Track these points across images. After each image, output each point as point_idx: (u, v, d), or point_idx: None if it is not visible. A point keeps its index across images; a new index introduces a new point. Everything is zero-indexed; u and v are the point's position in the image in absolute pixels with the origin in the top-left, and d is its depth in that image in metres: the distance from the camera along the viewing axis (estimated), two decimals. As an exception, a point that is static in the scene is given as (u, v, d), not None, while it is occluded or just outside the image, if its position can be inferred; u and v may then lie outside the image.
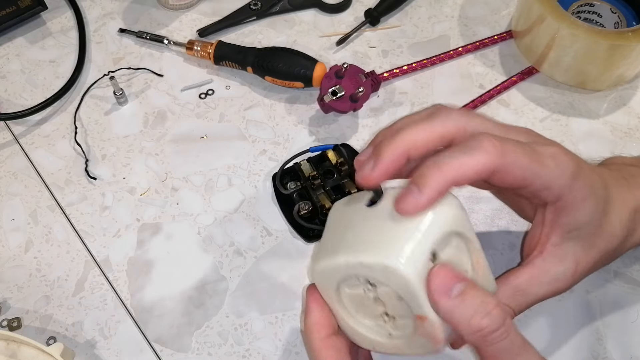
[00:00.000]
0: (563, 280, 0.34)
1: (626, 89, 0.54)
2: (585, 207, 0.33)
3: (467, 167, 0.30)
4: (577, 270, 0.34)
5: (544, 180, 0.32)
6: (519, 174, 0.31)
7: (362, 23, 0.57)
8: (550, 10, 0.50)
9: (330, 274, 0.31)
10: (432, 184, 0.29)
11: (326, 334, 0.32)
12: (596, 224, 0.34)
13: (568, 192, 0.32)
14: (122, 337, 0.42)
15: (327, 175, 0.47)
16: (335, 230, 0.33)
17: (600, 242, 0.35)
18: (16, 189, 0.49)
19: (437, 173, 0.29)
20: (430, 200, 0.29)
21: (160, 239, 0.46)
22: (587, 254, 0.35)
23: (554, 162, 0.32)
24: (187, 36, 0.57)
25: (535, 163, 0.31)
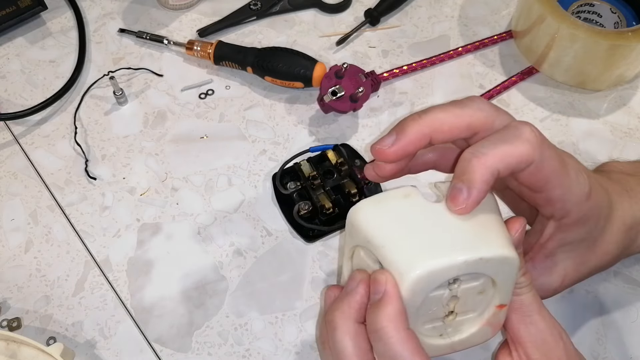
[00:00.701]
0: (546, 290, 0.35)
1: (626, 89, 0.54)
2: (586, 225, 0.33)
3: (511, 156, 0.29)
4: (563, 283, 0.35)
5: (564, 191, 0.31)
6: (548, 175, 0.30)
7: (362, 23, 0.57)
8: (550, 10, 0.50)
9: (439, 276, 0.29)
10: (477, 179, 0.28)
11: (407, 325, 0.28)
12: (591, 242, 0.35)
13: (577, 210, 0.32)
14: (122, 337, 0.42)
15: (327, 175, 0.47)
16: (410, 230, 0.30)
17: (592, 259, 0.35)
18: (16, 189, 0.49)
19: (480, 166, 0.28)
20: (480, 195, 0.28)
21: (160, 239, 0.46)
22: (577, 269, 0.35)
23: (576, 176, 0.31)
24: (187, 36, 0.57)
25: (563, 169, 0.31)
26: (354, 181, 0.46)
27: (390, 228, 0.30)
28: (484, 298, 0.31)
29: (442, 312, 0.31)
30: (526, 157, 0.29)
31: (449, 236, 0.29)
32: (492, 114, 0.31)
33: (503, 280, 0.30)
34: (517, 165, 0.29)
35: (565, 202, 0.32)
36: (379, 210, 0.31)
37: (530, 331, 0.31)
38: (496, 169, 0.28)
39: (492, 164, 0.28)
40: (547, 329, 0.31)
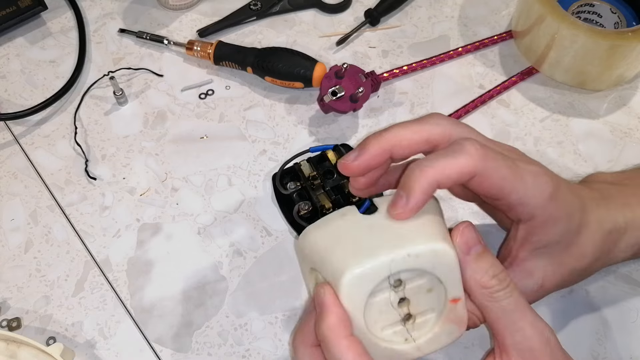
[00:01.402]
0: (528, 294, 0.35)
1: (626, 89, 0.54)
2: (556, 228, 0.34)
3: (450, 169, 0.31)
4: (544, 286, 0.35)
5: (521, 195, 0.33)
6: (498, 183, 0.32)
7: (362, 23, 0.57)
8: (550, 10, 0.50)
9: (370, 278, 0.30)
10: (417, 188, 0.31)
11: (350, 332, 0.30)
12: (566, 244, 0.35)
13: (541, 212, 0.33)
14: (122, 337, 0.42)
15: (326, 176, 0.47)
16: (342, 241, 0.32)
17: (570, 261, 0.36)
18: (16, 189, 0.49)
19: (421, 176, 0.31)
20: (418, 203, 0.31)
21: (160, 239, 0.46)
22: (555, 271, 0.35)
23: (533, 180, 0.33)
24: (187, 36, 0.57)
25: (514, 175, 0.32)
26: (354, 181, 0.46)
27: (328, 245, 0.32)
28: (435, 295, 0.31)
29: (396, 315, 0.31)
30: (467, 169, 0.31)
31: (380, 240, 0.31)
32: (449, 128, 0.33)
33: (444, 273, 0.31)
34: (457, 177, 0.31)
35: (525, 205, 0.33)
36: (319, 232, 0.33)
37: (516, 339, 0.31)
38: (435, 181, 0.31)
39: (432, 176, 0.31)
40: (535, 336, 0.30)
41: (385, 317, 0.31)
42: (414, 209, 0.31)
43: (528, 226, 0.34)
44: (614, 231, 0.37)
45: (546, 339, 0.31)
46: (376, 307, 0.31)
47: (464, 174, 0.31)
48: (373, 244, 0.31)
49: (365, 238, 0.31)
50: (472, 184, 0.32)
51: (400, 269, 0.30)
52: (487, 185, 0.32)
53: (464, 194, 0.39)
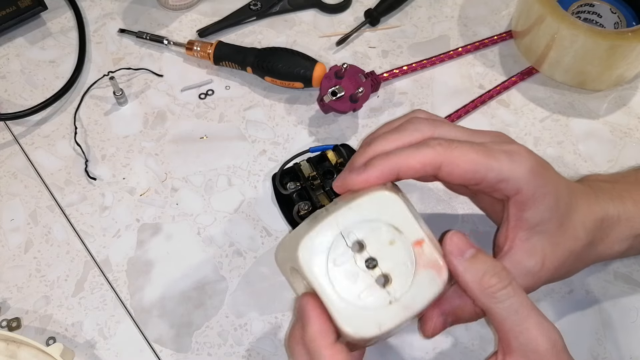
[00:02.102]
0: (533, 274, 0.35)
1: (626, 89, 0.54)
2: (545, 202, 0.34)
3: (412, 158, 0.33)
4: (545, 265, 0.35)
5: (497, 172, 0.33)
6: (469, 167, 0.33)
7: (362, 23, 0.57)
8: (550, 10, 0.50)
9: (320, 240, 0.31)
10: (375, 166, 0.32)
11: (333, 340, 0.31)
12: (559, 221, 0.35)
13: (526, 185, 0.34)
14: (122, 337, 0.42)
15: (326, 176, 0.47)
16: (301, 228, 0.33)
17: (565, 242, 0.35)
18: (16, 189, 0.49)
19: (383, 159, 0.33)
20: (369, 178, 0.32)
21: (160, 239, 0.46)
22: (554, 250, 0.35)
23: (508, 157, 0.34)
24: (187, 36, 0.57)
25: (485, 157, 0.33)
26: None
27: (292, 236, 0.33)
28: (400, 245, 0.31)
29: (369, 277, 0.31)
30: (427, 160, 0.33)
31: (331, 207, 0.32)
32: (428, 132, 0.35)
33: (394, 218, 0.31)
34: (418, 166, 0.33)
35: (506, 180, 0.34)
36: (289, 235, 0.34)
37: (521, 340, 0.30)
38: (396, 166, 0.33)
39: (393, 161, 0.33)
40: (540, 337, 0.30)
41: (360, 283, 0.31)
42: (366, 180, 0.32)
43: (516, 201, 0.34)
44: (605, 219, 0.37)
45: (553, 342, 0.30)
46: (346, 274, 0.31)
47: (426, 164, 0.33)
48: (320, 217, 0.32)
49: (318, 218, 0.32)
50: (443, 174, 0.33)
51: (347, 223, 0.31)
52: (458, 172, 0.33)
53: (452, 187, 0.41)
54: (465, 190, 0.41)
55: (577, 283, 0.44)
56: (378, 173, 0.33)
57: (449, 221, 0.47)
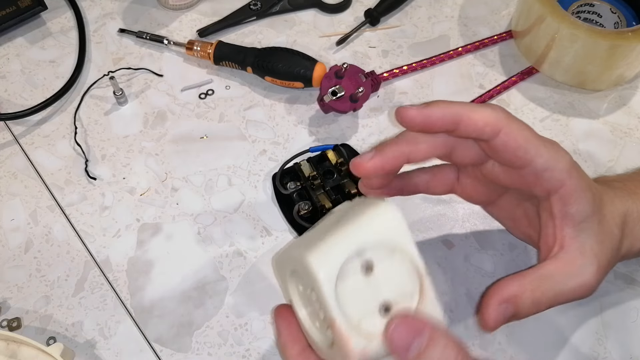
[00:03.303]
0: (589, 274, 0.33)
1: (626, 89, 0.54)
2: (587, 197, 0.33)
3: (477, 113, 0.32)
4: (599, 264, 0.34)
5: (545, 160, 0.32)
6: (523, 144, 0.32)
7: (362, 23, 0.57)
8: (550, 10, 0.50)
9: (283, 264, 0.33)
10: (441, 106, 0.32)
11: (300, 349, 0.32)
12: (598, 217, 0.34)
13: (569, 178, 0.33)
14: (122, 337, 0.42)
15: (327, 176, 0.47)
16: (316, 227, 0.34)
17: (606, 239, 0.35)
18: (16, 189, 0.49)
19: (447, 104, 0.32)
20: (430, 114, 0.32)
21: (160, 239, 0.46)
22: (601, 248, 0.34)
23: (553, 147, 0.33)
24: (187, 36, 0.57)
25: (537, 139, 0.32)
26: (354, 181, 0.46)
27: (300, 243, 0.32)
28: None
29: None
30: (492, 120, 0.31)
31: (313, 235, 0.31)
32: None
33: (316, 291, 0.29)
34: (483, 125, 0.32)
35: (552, 170, 0.33)
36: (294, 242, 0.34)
37: None
38: (458, 114, 0.31)
39: (457, 109, 0.31)
40: None
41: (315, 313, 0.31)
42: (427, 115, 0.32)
43: (561, 196, 0.33)
44: (627, 215, 0.36)
45: None
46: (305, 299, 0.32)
47: (488, 124, 0.31)
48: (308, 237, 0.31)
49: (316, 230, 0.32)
50: (497, 143, 0.32)
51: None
52: (513, 145, 0.32)
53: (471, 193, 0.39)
54: (483, 198, 0.39)
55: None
56: (439, 113, 0.32)
57: (449, 221, 0.47)
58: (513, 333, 0.42)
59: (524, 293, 0.32)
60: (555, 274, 0.33)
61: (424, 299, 0.30)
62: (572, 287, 0.33)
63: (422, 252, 0.44)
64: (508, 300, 0.32)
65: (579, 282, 0.33)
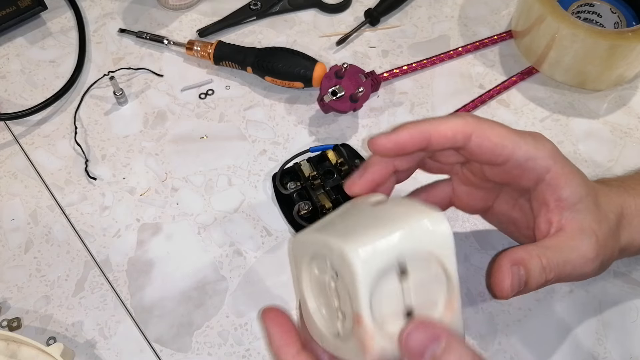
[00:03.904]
0: (588, 246, 0.33)
1: (626, 89, 0.54)
2: (577, 179, 0.34)
3: (444, 125, 0.33)
4: (598, 240, 0.33)
5: (525, 150, 0.33)
6: (499, 141, 0.33)
7: (362, 23, 0.57)
8: (550, 10, 0.50)
9: (305, 246, 0.32)
10: (408, 128, 0.33)
11: (295, 351, 0.32)
12: (593, 199, 0.34)
13: (554, 163, 0.33)
14: (122, 337, 0.42)
15: (327, 175, 0.47)
16: (333, 215, 0.34)
17: (602, 219, 0.35)
18: (16, 189, 0.49)
19: (414, 124, 0.33)
20: (398, 139, 0.33)
21: (160, 239, 0.46)
22: (600, 227, 0.34)
23: (533, 138, 0.34)
24: (187, 36, 0.57)
25: (514, 134, 0.33)
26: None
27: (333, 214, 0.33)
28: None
29: (334, 303, 0.30)
30: (460, 128, 0.33)
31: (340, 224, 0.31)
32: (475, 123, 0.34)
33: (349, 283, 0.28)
34: (452, 134, 0.33)
35: (535, 159, 0.33)
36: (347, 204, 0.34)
37: None
38: (427, 131, 0.33)
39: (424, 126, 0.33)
40: None
41: (327, 299, 0.31)
42: (394, 141, 0.32)
43: (550, 183, 0.33)
44: (625, 207, 0.36)
45: None
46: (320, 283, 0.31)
47: (458, 132, 0.33)
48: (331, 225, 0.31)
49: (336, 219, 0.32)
50: (472, 147, 0.33)
51: (324, 254, 0.30)
52: (488, 145, 0.33)
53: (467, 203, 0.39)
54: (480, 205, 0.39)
55: (577, 283, 0.44)
56: (407, 136, 0.33)
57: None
58: (513, 333, 0.42)
59: (533, 258, 0.32)
60: (557, 246, 0.33)
61: (449, 311, 0.30)
62: (575, 258, 0.33)
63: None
64: (520, 262, 0.32)
65: (581, 253, 0.33)
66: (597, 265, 0.34)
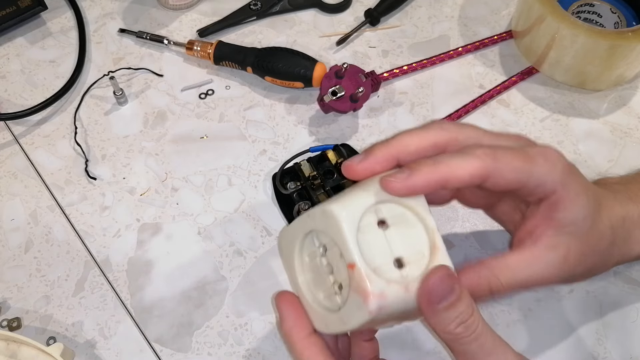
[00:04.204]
0: (553, 266, 0.34)
1: (626, 89, 0.54)
2: (580, 201, 0.34)
3: (461, 168, 0.32)
4: (567, 260, 0.34)
5: (537, 177, 0.33)
6: (513, 177, 0.32)
7: (362, 23, 0.57)
8: (550, 10, 0.50)
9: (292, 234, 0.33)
10: (424, 172, 0.31)
11: (305, 334, 0.33)
12: (591, 221, 0.35)
13: (561, 186, 0.33)
14: (122, 337, 0.42)
15: (327, 175, 0.47)
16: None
17: (591, 240, 0.35)
18: (16, 189, 0.49)
19: (432, 166, 0.31)
20: (417, 185, 0.31)
21: (160, 239, 0.46)
22: (578, 247, 0.34)
23: (545, 159, 0.33)
24: (187, 36, 0.57)
25: (527, 164, 0.33)
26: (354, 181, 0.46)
27: None
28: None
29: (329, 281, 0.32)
30: (476, 171, 0.32)
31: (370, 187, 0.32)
32: (454, 130, 0.34)
33: (336, 238, 0.30)
34: (467, 177, 0.32)
35: (545, 183, 0.33)
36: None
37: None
38: (445, 175, 0.31)
39: (442, 169, 0.31)
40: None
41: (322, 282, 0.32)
42: (410, 187, 0.31)
43: (550, 203, 0.34)
44: (627, 218, 0.36)
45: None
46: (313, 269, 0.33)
47: (475, 175, 0.32)
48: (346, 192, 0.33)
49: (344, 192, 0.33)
50: (489, 185, 0.33)
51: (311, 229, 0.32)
52: (504, 182, 0.33)
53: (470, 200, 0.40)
54: (482, 203, 0.40)
55: (577, 283, 0.44)
56: (424, 182, 0.31)
57: (449, 221, 0.47)
58: (512, 333, 0.42)
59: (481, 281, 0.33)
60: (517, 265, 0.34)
61: (435, 254, 0.31)
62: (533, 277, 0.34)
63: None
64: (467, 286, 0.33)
65: (541, 273, 0.34)
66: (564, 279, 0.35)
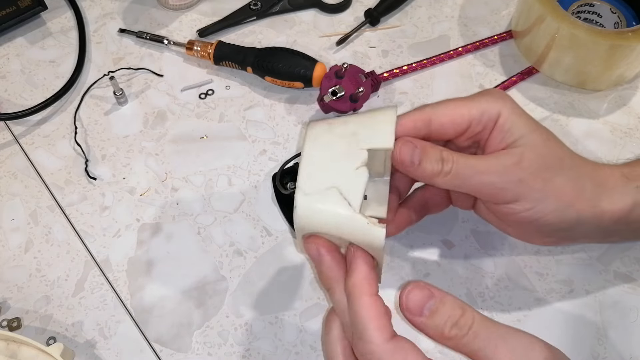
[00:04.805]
0: (504, 166, 0.35)
1: (626, 89, 0.54)
2: (525, 118, 0.36)
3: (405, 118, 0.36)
4: (521, 164, 0.35)
5: (477, 108, 0.35)
6: (454, 112, 0.36)
7: (362, 23, 0.57)
8: (550, 10, 0.50)
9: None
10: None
11: (375, 290, 0.32)
12: (542, 137, 0.36)
13: (504, 107, 0.36)
14: (122, 337, 0.42)
15: (327, 175, 0.47)
16: None
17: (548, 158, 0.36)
18: (16, 189, 0.49)
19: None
20: None
21: (160, 239, 0.46)
22: (533, 159, 0.35)
23: (483, 94, 0.36)
24: (187, 36, 0.57)
25: (465, 101, 0.36)
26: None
27: None
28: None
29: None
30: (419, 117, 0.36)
31: None
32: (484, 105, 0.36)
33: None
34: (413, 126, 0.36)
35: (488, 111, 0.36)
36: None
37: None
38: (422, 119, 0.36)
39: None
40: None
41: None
42: None
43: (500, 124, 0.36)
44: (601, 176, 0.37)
45: None
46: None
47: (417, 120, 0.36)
48: None
49: None
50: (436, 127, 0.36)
51: None
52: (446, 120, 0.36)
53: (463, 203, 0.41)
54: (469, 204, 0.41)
55: (577, 283, 0.44)
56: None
57: (449, 221, 0.47)
58: (513, 333, 0.42)
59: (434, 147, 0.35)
60: (472, 158, 0.35)
61: None
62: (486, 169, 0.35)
63: (422, 253, 0.44)
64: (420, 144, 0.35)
65: (493, 167, 0.35)
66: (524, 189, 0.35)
